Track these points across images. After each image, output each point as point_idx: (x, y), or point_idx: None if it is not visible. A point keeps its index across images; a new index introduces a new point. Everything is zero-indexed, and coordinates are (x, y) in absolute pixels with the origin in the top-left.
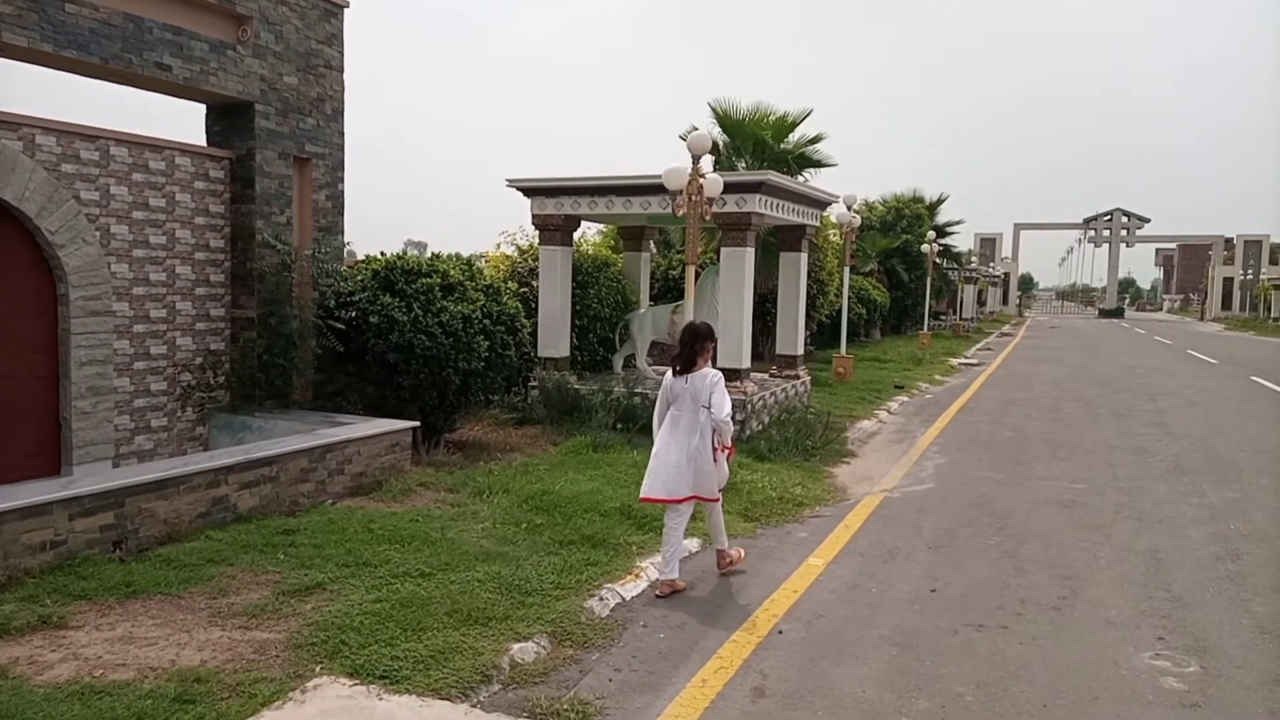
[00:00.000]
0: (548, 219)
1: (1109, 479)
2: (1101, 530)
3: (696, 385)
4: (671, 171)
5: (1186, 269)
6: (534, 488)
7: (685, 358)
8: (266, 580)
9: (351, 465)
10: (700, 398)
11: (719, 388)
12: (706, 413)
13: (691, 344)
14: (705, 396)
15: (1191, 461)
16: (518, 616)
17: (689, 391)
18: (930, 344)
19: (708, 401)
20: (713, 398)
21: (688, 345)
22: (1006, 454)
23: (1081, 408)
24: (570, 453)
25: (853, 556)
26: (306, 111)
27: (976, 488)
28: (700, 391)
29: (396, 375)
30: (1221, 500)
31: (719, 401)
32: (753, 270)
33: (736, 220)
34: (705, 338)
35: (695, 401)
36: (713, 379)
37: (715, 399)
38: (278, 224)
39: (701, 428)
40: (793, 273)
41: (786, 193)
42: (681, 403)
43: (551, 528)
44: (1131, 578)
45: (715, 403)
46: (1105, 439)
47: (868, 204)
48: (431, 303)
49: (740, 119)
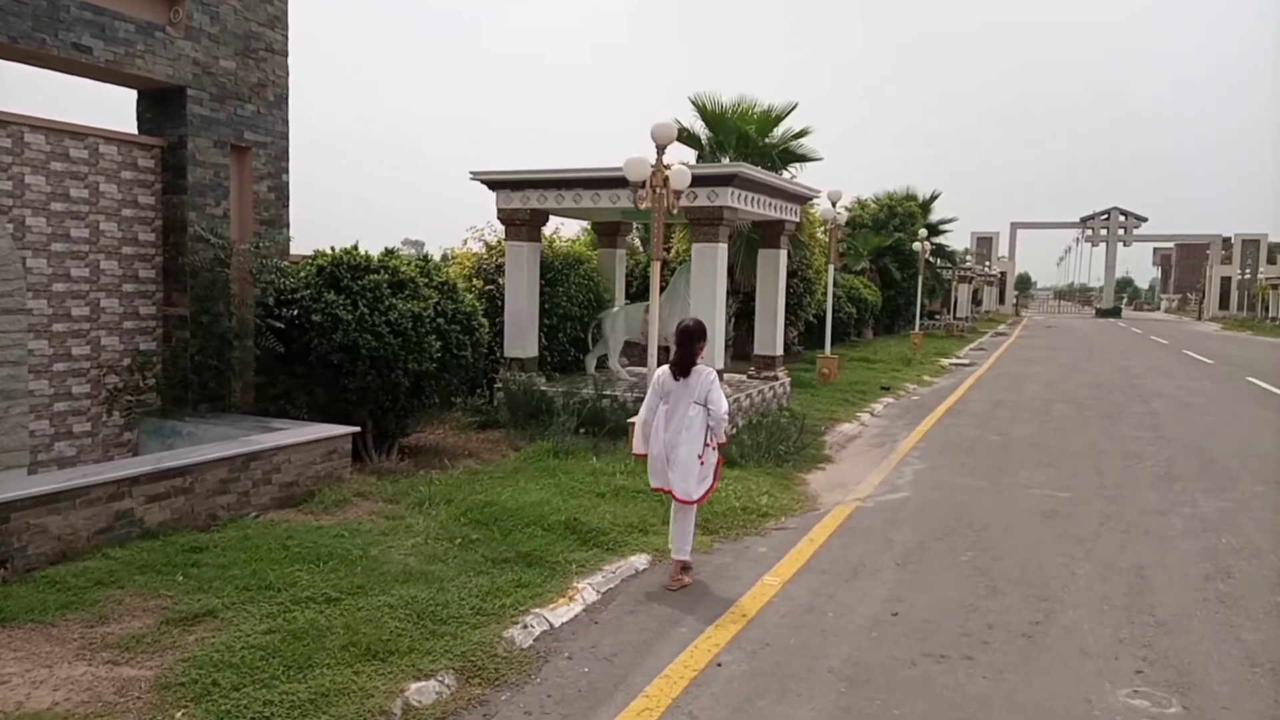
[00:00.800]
0: (513, 213)
1: (1095, 487)
2: (1084, 544)
3: (693, 383)
4: (632, 162)
5: (1184, 268)
6: (478, 498)
7: (683, 360)
8: (155, 606)
9: (280, 474)
10: (695, 395)
11: (716, 385)
12: (700, 409)
13: (689, 345)
14: (702, 394)
15: (1183, 468)
16: (424, 649)
17: (685, 390)
18: (922, 344)
19: (704, 399)
20: (710, 395)
21: (685, 347)
22: (990, 459)
23: (1072, 410)
24: (529, 459)
25: (813, 574)
26: (245, 97)
27: (955, 496)
28: (696, 389)
29: (342, 377)
30: (1213, 510)
31: (717, 399)
32: (725, 267)
33: (708, 215)
34: (700, 336)
35: (690, 399)
36: (709, 376)
37: (714, 396)
38: (213, 216)
39: (690, 424)
40: (771, 270)
41: (761, 186)
42: (675, 400)
43: (487, 544)
44: (1113, 599)
45: (714, 400)
46: (1094, 443)
47: (860, 202)
48: (379, 300)
49: (723, 113)
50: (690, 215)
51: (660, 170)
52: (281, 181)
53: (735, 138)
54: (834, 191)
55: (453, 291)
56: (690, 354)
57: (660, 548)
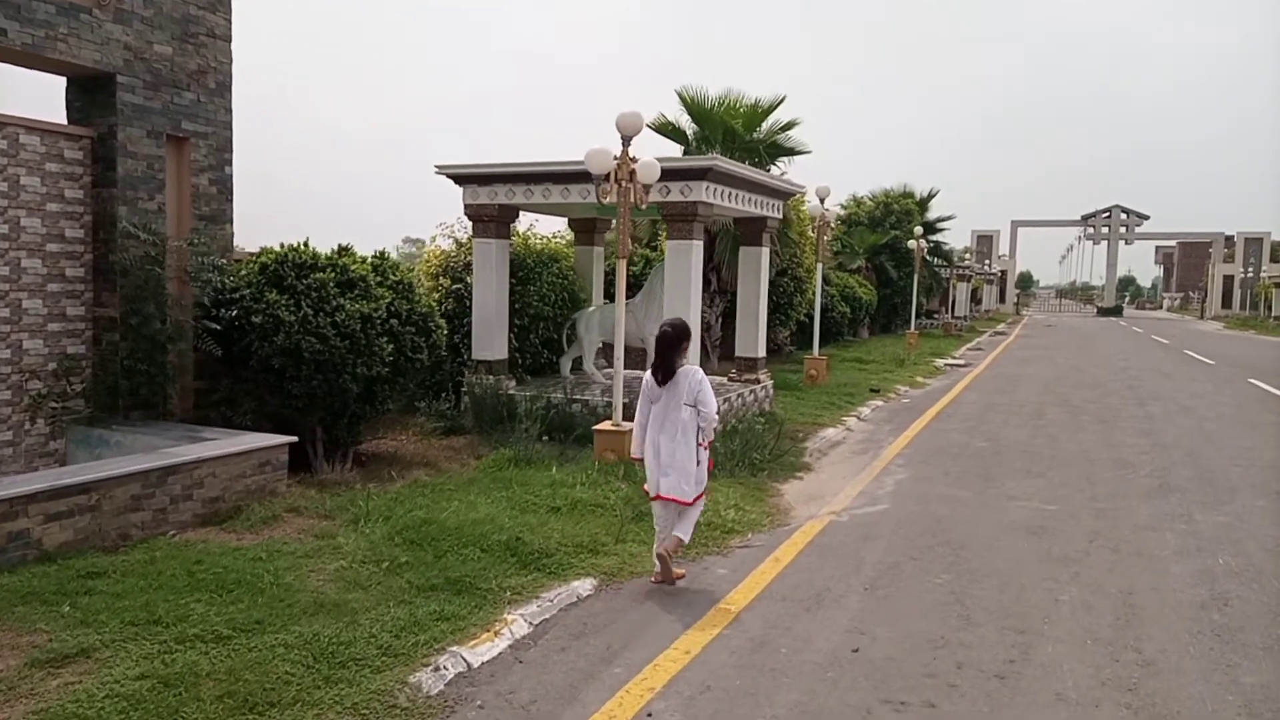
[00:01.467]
0: (481, 209)
1: (1086, 499)
2: (1070, 565)
3: (681, 386)
4: (594, 154)
5: (1187, 267)
6: (418, 515)
7: (664, 366)
8: (26, 644)
9: (203, 489)
10: (685, 397)
11: (705, 385)
12: (690, 411)
13: (667, 351)
14: (691, 395)
15: (1179, 478)
16: (312, 700)
17: (673, 393)
18: (918, 344)
19: (693, 400)
20: (700, 395)
21: (663, 353)
22: (977, 467)
23: (1066, 413)
24: (489, 469)
25: (772, 601)
26: (183, 85)
27: (936, 509)
28: (684, 391)
29: (285, 383)
30: (1211, 526)
31: (707, 399)
32: (700, 265)
33: (681, 210)
34: (678, 340)
35: (679, 402)
36: (698, 376)
37: (703, 397)
38: (146, 211)
39: (684, 426)
40: (753, 268)
41: (740, 181)
42: (665, 404)
43: (417, 568)
44: (1097, 632)
45: (704, 400)
46: (1087, 450)
47: (856, 199)
48: (325, 300)
49: (709, 107)
50: (664, 211)
51: (626, 162)
52: (224, 174)
53: (721, 132)
54: (822, 187)
55: (408, 291)
56: (670, 360)
57: (608, 570)
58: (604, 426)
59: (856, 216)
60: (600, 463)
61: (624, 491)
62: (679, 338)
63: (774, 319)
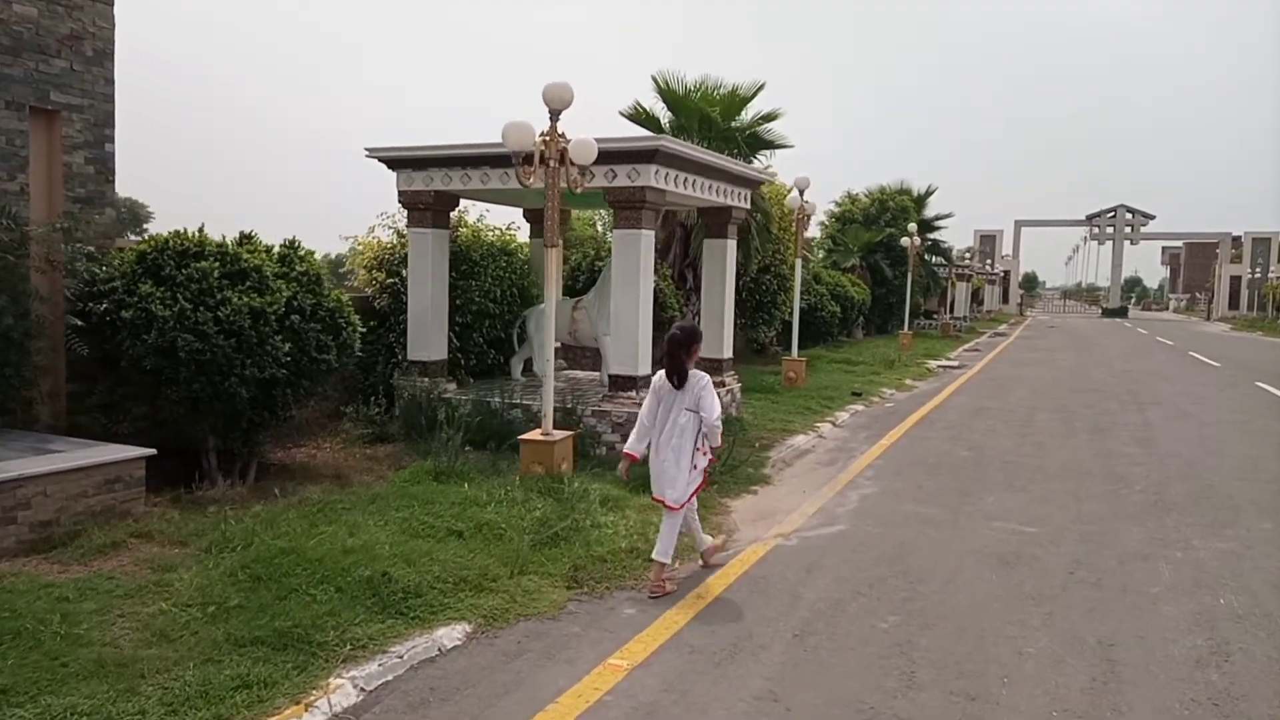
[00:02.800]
0: (416, 196)
1: (1070, 519)
2: (1043, 604)
3: (688, 389)
4: (513, 128)
5: (1193, 268)
6: (280, 543)
7: (675, 368)
8: None
9: (31, 512)
10: (688, 401)
11: (709, 390)
12: (693, 415)
13: (677, 353)
14: (694, 400)
15: (1176, 494)
16: None
17: (680, 397)
18: (912, 345)
19: (695, 405)
20: (702, 400)
21: (674, 355)
22: (954, 481)
23: (1058, 420)
24: (402, 483)
25: (678, 654)
26: (52, 51)
27: (900, 531)
28: (689, 396)
29: (163, 386)
30: (1210, 555)
31: (709, 404)
32: (652, 257)
33: (628, 196)
34: (689, 342)
35: (682, 406)
36: (704, 382)
37: (705, 402)
38: (5, 193)
39: (681, 430)
40: (718, 262)
41: (695, 165)
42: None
43: (246, 613)
44: (1067, 699)
45: (705, 406)
46: (1077, 461)
47: (850, 195)
48: (207, 293)
49: (684, 93)
50: (610, 197)
51: (555, 140)
52: (104, 152)
53: (697, 120)
54: (801, 178)
55: (315, 284)
56: (682, 362)
57: (491, 612)
58: (532, 436)
59: (851, 214)
60: (525, 477)
61: (540, 513)
62: (688, 339)
63: (757, 318)
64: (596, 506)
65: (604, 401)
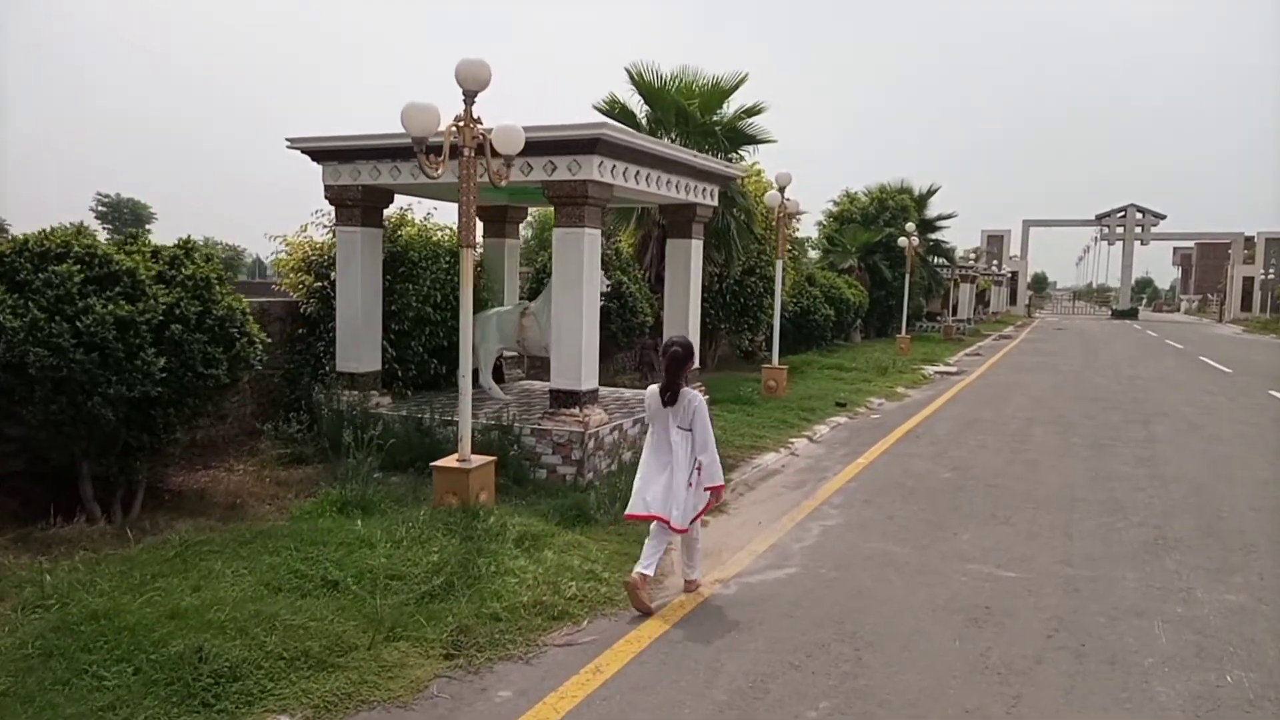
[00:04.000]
0: (343, 191)
1: (1057, 559)
2: (1010, 684)
3: (680, 408)
4: (414, 110)
5: (1205, 268)
6: (96, 603)
7: (673, 388)
8: None
9: None
10: (680, 420)
11: (702, 414)
12: (683, 434)
13: (678, 371)
14: (686, 420)
15: (1180, 528)
16: None
17: (672, 415)
18: (910, 349)
19: (688, 424)
20: (695, 428)
21: (673, 373)
22: (929, 510)
23: (1055, 434)
24: (302, 517)
25: None
26: None
27: (858, 576)
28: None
29: (15, 406)
30: (1216, 610)
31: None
32: (597, 258)
33: (569, 192)
34: (690, 356)
35: (675, 424)
36: (697, 402)
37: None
38: None
39: (674, 446)
40: (681, 265)
41: (648, 158)
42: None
43: (7, 702)
44: None
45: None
46: (1071, 485)
47: (849, 194)
48: (66, 301)
49: (661, 85)
50: (549, 193)
51: (470, 126)
52: None
53: (674, 114)
54: (782, 174)
55: (204, 289)
56: (678, 380)
57: (325, 699)
58: (445, 463)
59: (850, 213)
60: (437, 510)
61: (439, 555)
62: (688, 356)
63: (741, 322)
64: (509, 547)
65: (544, 419)
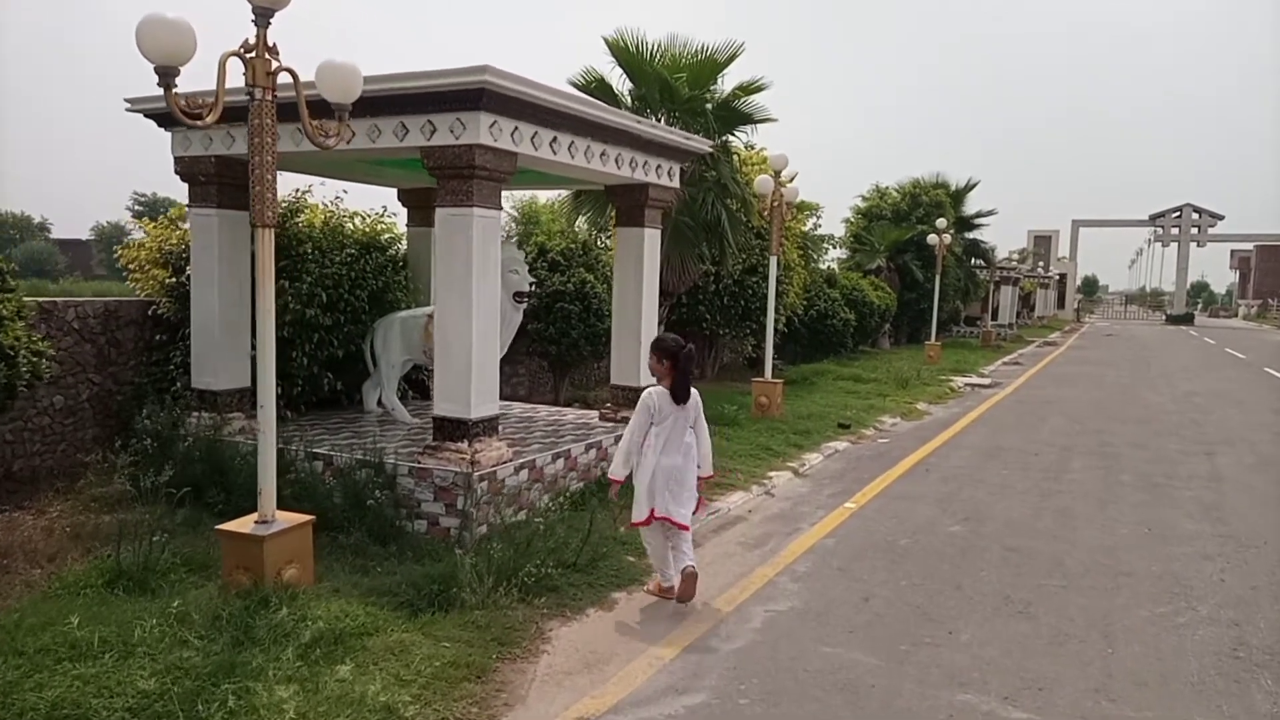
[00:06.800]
0: (194, 164)
1: (1090, 688)
2: None
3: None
4: (153, 25)
5: (1265, 272)
6: None
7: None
8: None
9: None
10: (690, 419)
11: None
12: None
13: (690, 369)
14: (694, 418)
15: (1267, 624)
16: None
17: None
18: (940, 357)
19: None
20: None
21: (687, 373)
22: (923, 586)
23: (1097, 468)
24: (54, 595)
25: None
26: None
27: (793, 713)
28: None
29: None
30: None
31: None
32: (496, 249)
33: (451, 160)
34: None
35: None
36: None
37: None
38: None
39: (688, 450)
40: (631, 259)
41: (567, 120)
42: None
43: None
44: None
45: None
46: (1114, 547)
47: (879, 189)
48: None
49: (644, 56)
50: (429, 162)
51: (263, 59)
52: None
53: (659, 89)
54: (778, 157)
55: None
56: (689, 378)
57: None
58: (237, 526)
59: (879, 209)
60: (226, 589)
61: (155, 684)
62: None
63: (743, 327)
64: (288, 659)
65: (425, 456)
